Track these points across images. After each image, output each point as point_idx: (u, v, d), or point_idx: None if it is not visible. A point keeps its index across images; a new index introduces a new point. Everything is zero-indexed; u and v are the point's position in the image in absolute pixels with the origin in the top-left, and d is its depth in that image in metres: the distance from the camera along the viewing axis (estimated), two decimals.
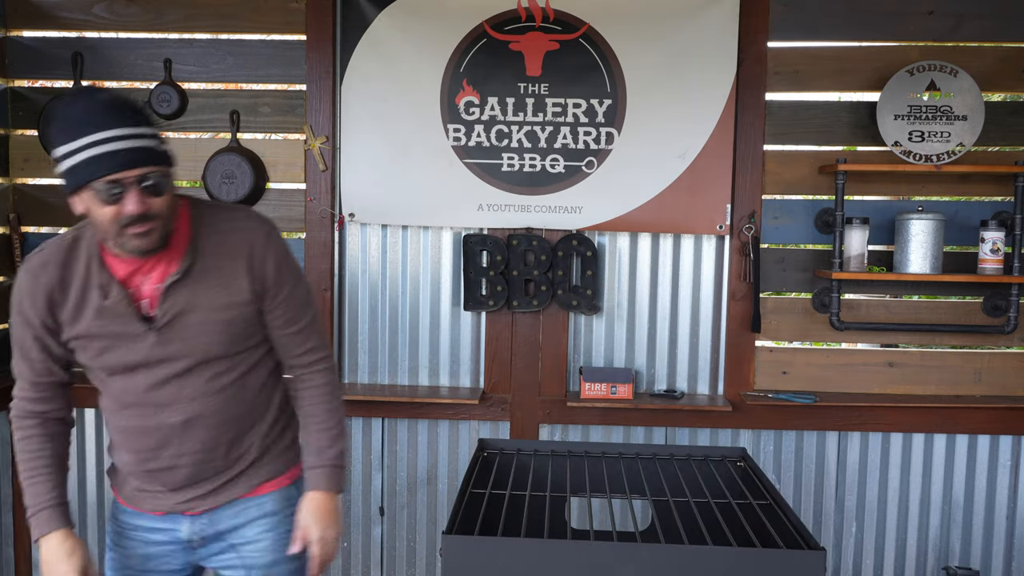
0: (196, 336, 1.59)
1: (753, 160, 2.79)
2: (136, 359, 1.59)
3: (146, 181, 1.45)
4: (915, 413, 2.80)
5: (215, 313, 1.59)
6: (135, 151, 1.44)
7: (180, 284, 1.57)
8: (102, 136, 1.43)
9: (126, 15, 2.86)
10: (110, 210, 1.47)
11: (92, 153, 1.43)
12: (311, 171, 2.85)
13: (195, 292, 1.58)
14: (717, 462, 1.32)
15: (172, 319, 1.57)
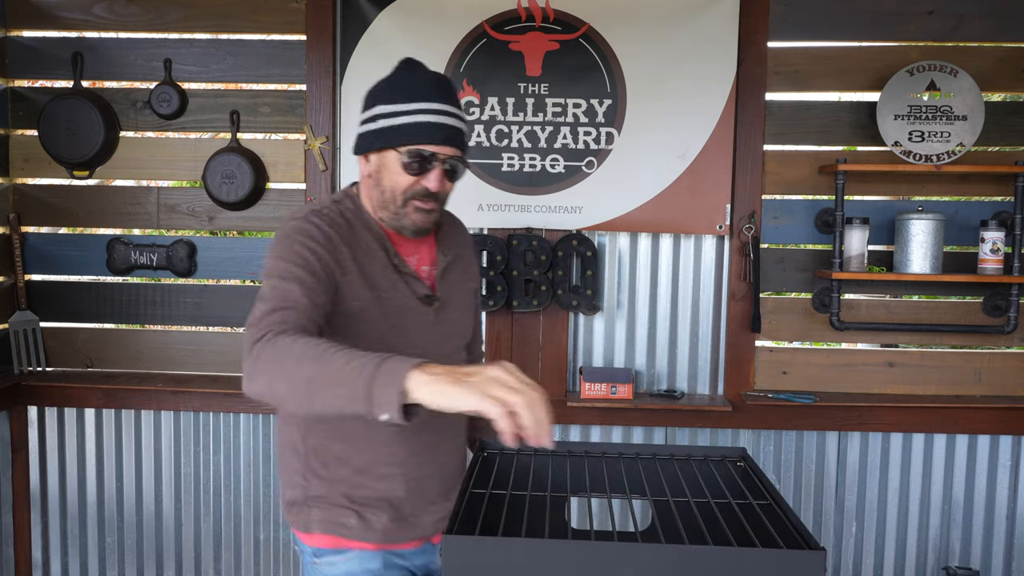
0: (458, 319, 1.62)
1: (753, 160, 2.79)
2: (416, 339, 1.51)
3: (451, 163, 1.46)
4: (915, 413, 2.80)
5: (467, 297, 1.66)
6: (458, 131, 1.46)
7: (449, 268, 1.60)
8: (436, 107, 1.43)
9: (126, 15, 2.86)
10: (408, 180, 1.45)
11: (422, 119, 1.42)
12: (311, 171, 2.85)
13: (455, 277, 1.63)
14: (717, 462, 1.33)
15: (445, 301, 1.58)
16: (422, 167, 1.44)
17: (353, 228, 1.50)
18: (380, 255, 1.50)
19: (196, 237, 2.93)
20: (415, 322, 1.52)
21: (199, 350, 2.95)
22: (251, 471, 2.91)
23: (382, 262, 1.50)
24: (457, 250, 1.65)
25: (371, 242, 1.50)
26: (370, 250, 1.50)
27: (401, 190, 1.46)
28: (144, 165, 2.91)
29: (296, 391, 1.19)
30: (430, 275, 1.57)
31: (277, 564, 2.93)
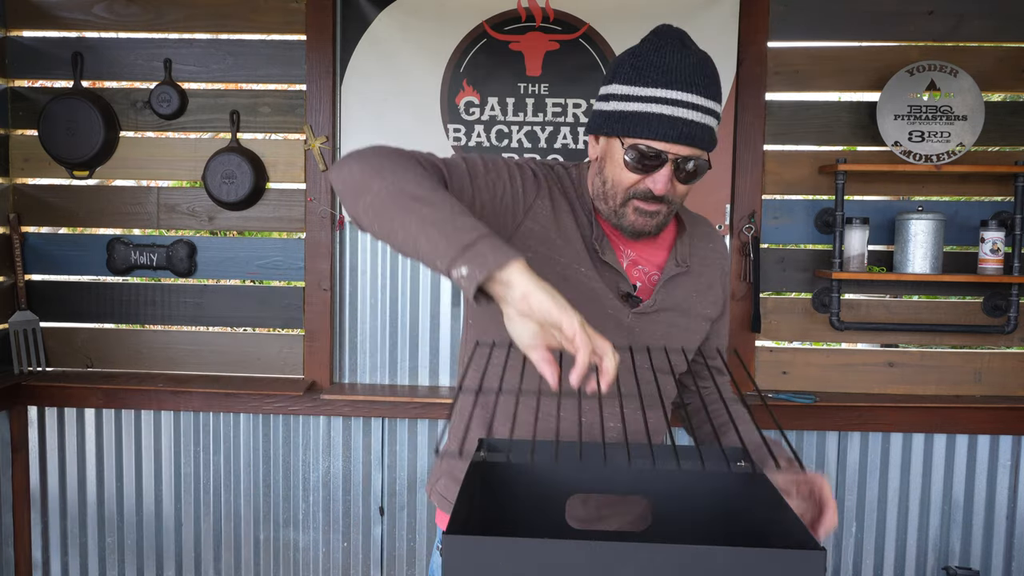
0: (668, 338, 1.40)
1: (753, 160, 2.79)
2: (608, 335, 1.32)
3: (687, 164, 1.27)
4: (915, 413, 2.80)
5: (690, 321, 1.43)
6: (701, 128, 1.25)
7: (675, 278, 1.41)
8: (677, 97, 1.24)
9: (126, 15, 2.86)
10: (631, 177, 1.29)
11: (655, 110, 1.24)
12: (311, 171, 2.85)
13: (682, 292, 1.42)
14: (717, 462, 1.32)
15: (658, 311, 1.39)
16: (647, 165, 1.26)
17: (568, 191, 1.38)
18: (588, 230, 1.36)
19: (196, 237, 2.93)
20: (611, 316, 1.34)
21: (199, 350, 2.95)
22: (251, 471, 2.91)
23: (589, 237, 1.35)
24: (695, 265, 1.44)
25: (582, 215, 1.36)
26: (579, 219, 1.36)
27: (623, 187, 1.30)
28: (144, 165, 2.91)
29: (391, 196, 1.08)
30: (644, 278, 1.40)
31: (277, 564, 2.93)
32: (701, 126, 1.25)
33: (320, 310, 2.86)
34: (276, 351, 2.94)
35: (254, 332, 3.00)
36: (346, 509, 2.91)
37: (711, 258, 1.49)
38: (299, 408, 2.84)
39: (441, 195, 1.07)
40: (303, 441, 2.90)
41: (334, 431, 2.89)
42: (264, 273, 2.94)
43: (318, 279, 2.86)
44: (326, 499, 2.91)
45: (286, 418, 2.89)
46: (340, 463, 2.90)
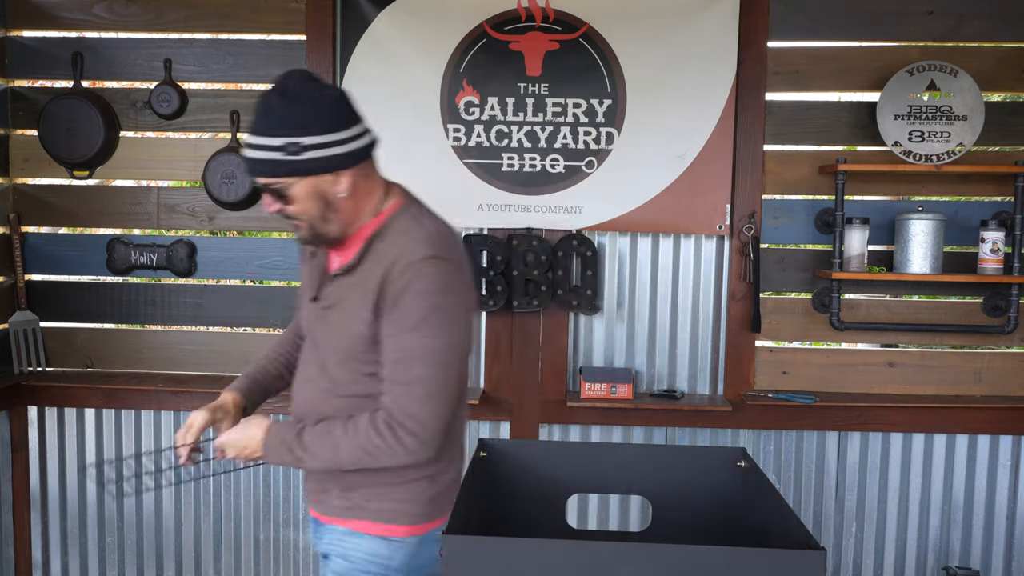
0: (334, 333, 1.60)
1: (753, 160, 2.79)
2: (304, 324, 1.71)
3: (270, 189, 1.54)
4: (915, 413, 2.80)
5: (350, 317, 1.55)
6: (253, 163, 1.53)
7: (342, 278, 1.59)
8: (244, 140, 1.56)
9: (126, 15, 2.86)
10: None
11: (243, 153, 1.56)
12: None
13: (346, 291, 1.57)
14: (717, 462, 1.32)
15: (328, 307, 1.61)
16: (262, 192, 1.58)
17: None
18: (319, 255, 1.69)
19: (196, 237, 2.93)
20: (307, 315, 1.68)
21: (199, 350, 2.95)
22: (251, 471, 2.91)
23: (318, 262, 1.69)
24: (362, 267, 1.55)
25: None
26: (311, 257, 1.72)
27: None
28: (144, 165, 2.91)
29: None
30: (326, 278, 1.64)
31: (277, 564, 2.93)
32: (256, 160, 1.51)
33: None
34: None
35: (254, 332, 3.00)
36: None
37: (384, 259, 1.53)
38: None
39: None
40: None
41: None
42: (264, 273, 2.94)
43: None
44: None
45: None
46: None
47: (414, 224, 1.58)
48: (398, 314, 1.51)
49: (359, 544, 1.64)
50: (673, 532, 1.22)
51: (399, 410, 1.50)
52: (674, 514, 1.26)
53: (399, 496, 1.60)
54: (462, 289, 1.58)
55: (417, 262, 1.50)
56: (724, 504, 1.30)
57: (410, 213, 1.60)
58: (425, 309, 1.50)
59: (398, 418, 1.50)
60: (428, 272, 1.50)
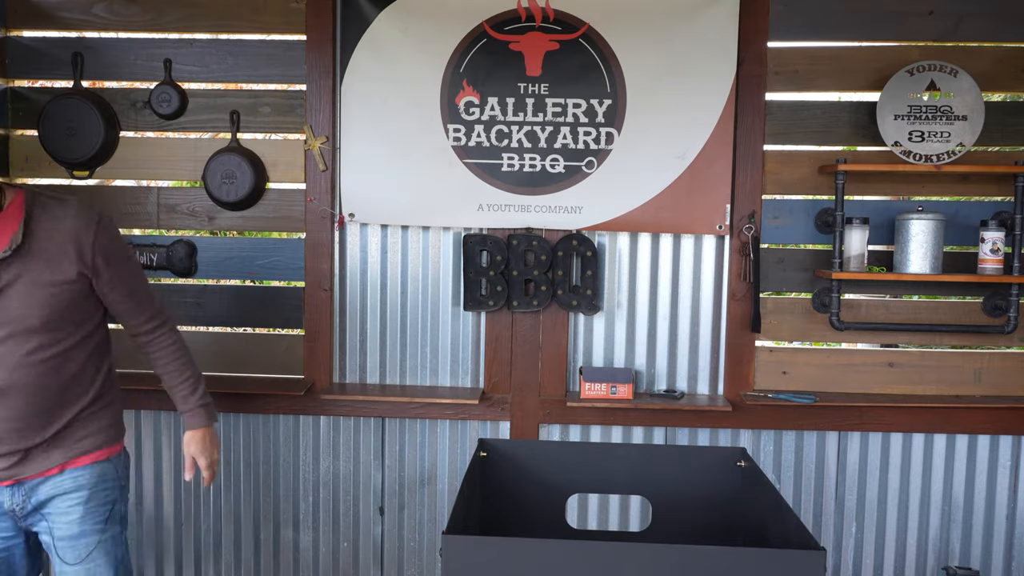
0: (16, 308, 1.77)
1: (753, 160, 2.79)
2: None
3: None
4: (915, 413, 2.80)
5: (37, 288, 1.78)
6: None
7: (9, 260, 1.76)
8: None
9: (126, 15, 2.86)
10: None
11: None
12: (311, 171, 2.85)
13: (22, 268, 1.77)
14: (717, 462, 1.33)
15: (8, 284, 1.76)
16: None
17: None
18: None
19: (196, 237, 2.93)
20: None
21: (199, 350, 2.92)
22: (251, 471, 2.91)
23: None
24: (44, 243, 1.79)
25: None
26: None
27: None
28: (144, 165, 2.91)
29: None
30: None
31: (277, 564, 2.93)
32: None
33: (320, 310, 2.87)
34: (276, 351, 2.94)
35: (254, 332, 3.00)
36: (346, 509, 2.92)
37: (64, 231, 1.82)
38: (299, 408, 2.84)
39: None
40: (303, 441, 2.90)
41: (334, 431, 2.89)
42: (264, 273, 2.94)
43: (318, 279, 2.86)
44: (326, 499, 2.91)
45: (286, 418, 2.89)
46: (340, 463, 2.90)
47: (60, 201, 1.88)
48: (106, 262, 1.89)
49: (88, 475, 1.90)
50: (673, 532, 1.22)
51: (160, 314, 2.12)
52: (674, 514, 1.26)
53: (107, 421, 1.97)
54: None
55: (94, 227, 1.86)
56: (724, 504, 1.30)
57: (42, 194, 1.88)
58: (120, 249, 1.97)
59: (166, 318, 2.15)
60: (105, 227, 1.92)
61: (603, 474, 1.71)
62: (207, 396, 2.14)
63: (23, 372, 1.79)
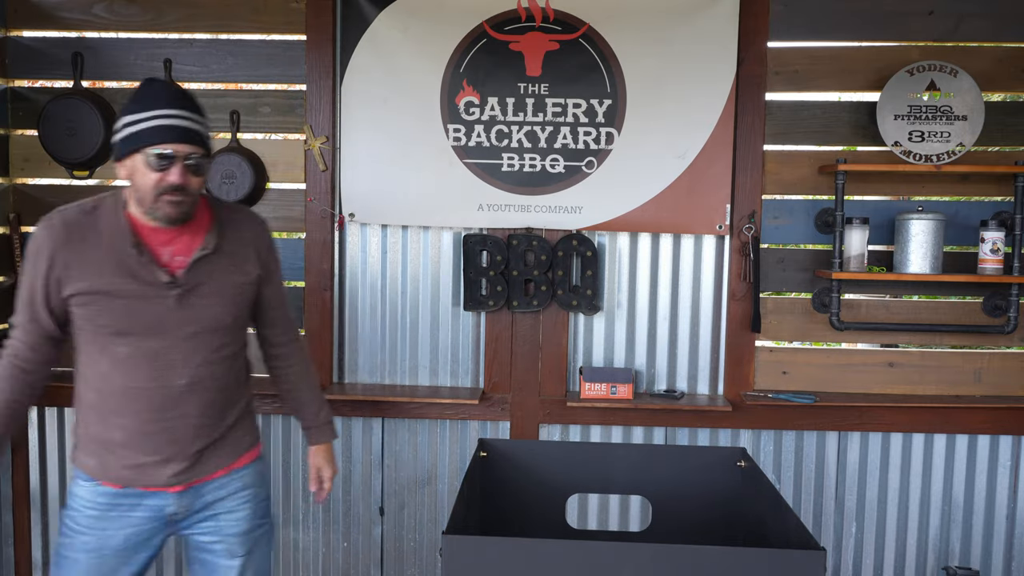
0: (211, 305, 1.80)
1: (753, 160, 2.79)
2: (154, 320, 1.75)
3: (190, 159, 1.69)
4: (915, 413, 2.80)
5: (227, 288, 1.83)
6: (191, 131, 1.70)
7: (206, 258, 1.79)
8: (168, 112, 1.68)
9: (126, 15, 2.86)
10: (155, 177, 1.68)
11: (157, 124, 1.67)
12: (311, 171, 2.85)
13: (215, 267, 1.81)
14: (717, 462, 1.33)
15: (194, 287, 1.77)
16: (163, 166, 1.67)
17: (96, 222, 1.75)
18: (121, 246, 1.73)
19: None
20: (153, 305, 1.75)
21: None
22: None
23: (123, 252, 1.73)
24: (231, 246, 1.84)
25: (116, 234, 1.74)
26: (110, 242, 1.74)
27: (151, 187, 1.69)
28: None
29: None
30: (183, 264, 1.77)
31: (277, 564, 2.93)
32: (191, 130, 1.70)
33: (320, 310, 2.87)
34: None
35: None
36: (346, 509, 2.91)
37: (246, 234, 1.89)
38: None
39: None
40: (303, 441, 2.89)
41: None
42: None
43: (318, 279, 2.86)
44: (326, 499, 2.91)
45: (286, 418, 2.89)
46: (340, 463, 2.89)
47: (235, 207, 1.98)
48: (274, 267, 1.98)
49: (250, 473, 1.96)
50: (673, 532, 1.22)
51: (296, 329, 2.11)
52: (674, 514, 1.26)
53: (255, 421, 2.02)
54: None
55: (267, 232, 1.97)
56: (724, 504, 1.30)
57: (218, 199, 1.94)
58: (278, 259, 2.01)
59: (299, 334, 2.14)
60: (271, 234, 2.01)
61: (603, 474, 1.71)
62: (331, 412, 2.15)
63: (207, 370, 1.81)
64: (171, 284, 1.75)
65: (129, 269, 1.73)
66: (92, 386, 1.83)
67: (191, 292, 1.77)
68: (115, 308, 1.74)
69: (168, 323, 1.76)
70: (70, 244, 1.74)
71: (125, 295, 1.74)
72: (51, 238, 1.74)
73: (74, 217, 1.76)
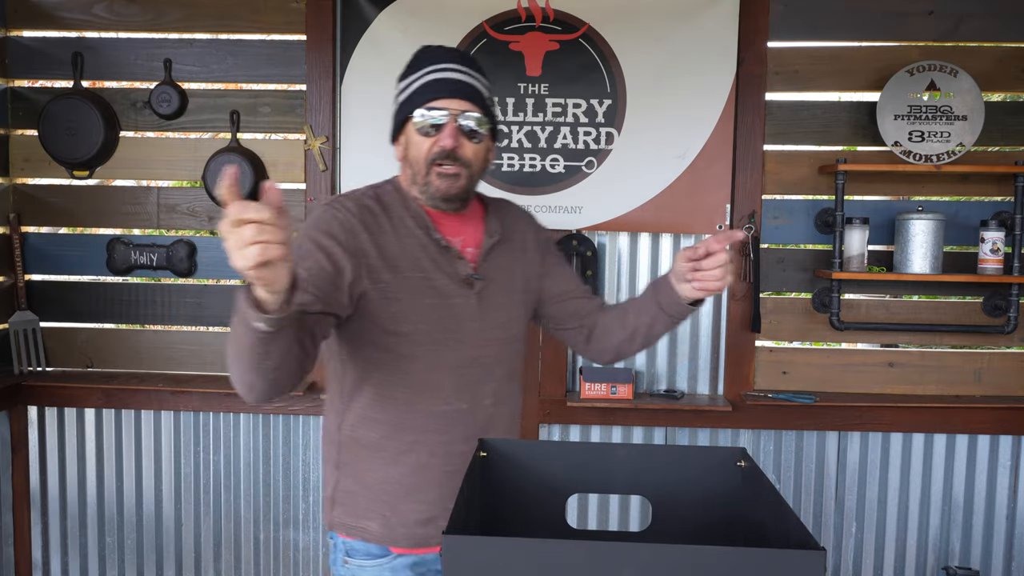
0: (505, 305, 1.54)
1: (753, 160, 2.79)
2: (456, 324, 1.46)
3: (466, 119, 1.43)
4: (915, 413, 2.80)
5: (520, 281, 1.58)
6: (465, 85, 1.44)
7: (494, 249, 1.54)
8: (441, 66, 1.45)
9: (126, 15, 2.86)
10: (426, 143, 1.44)
11: (428, 79, 1.44)
12: (311, 171, 2.85)
13: (505, 258, 1.56)
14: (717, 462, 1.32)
15: (490, 282, 1.52)
16: (434, 127, 1.43)
17: (387, 209, 1.48)
18: (418, 234, 1.47)
19: (196, 237, 2.93)
20: (455, 306, 1.46)
21: (199, 350, 2.95)
22: (251, 471, 2.91)
23: (420, 241, 1.46)
24: (507, 232, 1.58)
25: (408, 221, 1.47)
26: (406, 230, 1.46)
27: (422, 157, 1.44)
28: (144, 165, 2.91)
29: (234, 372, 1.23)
30: (474, 256, 1.51)
31: (277, 564, 2.93)
32: (467, 84, 1.43)
33: None
34: None
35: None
36: None
37: (515, 223, 1.63)
38: (299, 408, 2.84)
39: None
40: (303, 441, 2.90)
41: None
42: None
43: None
44: None
45: (286, 418, 2.89)
46: None
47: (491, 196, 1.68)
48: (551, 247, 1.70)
49: None
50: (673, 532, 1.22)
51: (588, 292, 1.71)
52: (674, 514, 1.26)
53: None
54: None
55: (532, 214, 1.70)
56: (724, 504, 1.30)
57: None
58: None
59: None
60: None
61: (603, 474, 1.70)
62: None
63: (507, 387, 1.54)
64: (472, 279, 1.48)
65: (429, 262, 1.45)
66: (369, 419, 1.45)
67: (487, 289, 1.50)
68: (415, 309, 1.43)
69: (470, 328, 1.47)
70: (367, 231, 1.43)
71: (426, 293, 1.44)
72: (348, 221, 1.42)
73: (365, 203, 1.48)
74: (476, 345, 1.48)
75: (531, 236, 1.64)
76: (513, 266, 1.57)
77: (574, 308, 1.65)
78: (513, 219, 1.63)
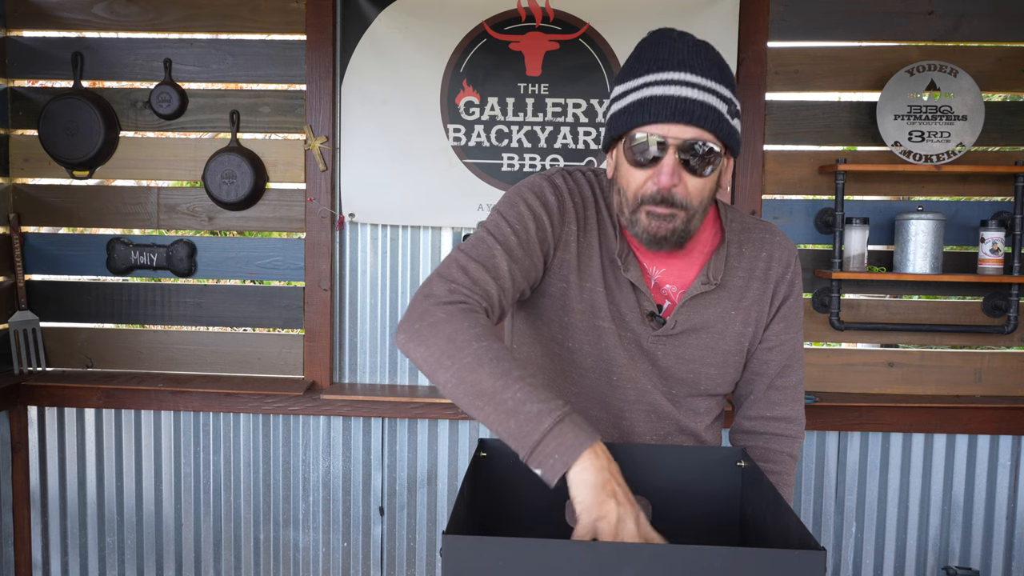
0: (697, 362, 1.31)
1: (753, 160, 2.79)
2: (612, 361, 1.28)
3: (690, 153, 1.14)
4: (915, 413, 2.80)
5: (724, 341, 1.32)
6: (696, 105, 1.12)
7: (704, 296, 1.29)
8: (668, 76, 1.14)
9: (126, 15, 2.86)
10: (638, 176, 1.17)
11: (648, 93, 1.14)
12: (311, 171, 2.85)
13: (713, 310, 1.30)
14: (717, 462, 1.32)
15: (682, 332, 1.29)
16: (650, 157, 1.15)
17: (597, 204, 1.29)
18: (608, 247, 1.27)
19: (196, 237, 2.93)
20: (622, 339, 1.28)
21: (199, 350, 2.95)
22: (251, 471, 2.91)
23: (611, 255, 1.27)
24: (739, 280, 1.31)
25: (608, 228, 1.27)
26: (604, 235, 1.27)
27: (633, 190, 1.18)
28: (144, 165, 2.91)
29: (459, 392, 1.05)
30: (675, 297, 1.28)
31: (277, 564, 2.93)
32: (699, 103, 1.12)
33: (320, 310, 2.87)
34: (276, 351, 2.94)
35: (254, 332, 3.00)
36: (346, 509, 2.91)
37: (759, 269, 1.32)
38: (299, 408, 2.84)
39: (502, 383, 1.02)
40: (303, 441, 2.90)
41: (334, 431, 2.89)
42: (264, 273, 2.94)
43: (318, 279, 2.86)
44: (326, 499, 2.91)
45: (286, 418, 2.89)
46: (340, 463, 2.90)
47: (756, 221, 1.39)
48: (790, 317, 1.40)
49: None
50: (673, 532, 1.22)
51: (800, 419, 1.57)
52: (674, 514, 1.26)
53: None
54: None
55: (795, 265, 1.37)
56: (724, 504, 1.30)
57: (730, 207, 1.38)
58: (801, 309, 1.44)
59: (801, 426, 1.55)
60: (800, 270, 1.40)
61: None
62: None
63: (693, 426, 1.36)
64: (655, 320, 1.27)
65: (610, 281, 1.26)
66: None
67: (677, 338, 1.28)
68: (588, 329, 1.26)
69: (637, 372, 1.28)
70: (573, 217, 1.26)
71: (601, 315, 1.26)
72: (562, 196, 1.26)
73: (583, 186, 1.30)
74: (644, 388, 1.30)
75: (770, 290, 1.33)
76: (730, 318, 1.31)
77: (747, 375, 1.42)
78: (753, 262, 1.32)
